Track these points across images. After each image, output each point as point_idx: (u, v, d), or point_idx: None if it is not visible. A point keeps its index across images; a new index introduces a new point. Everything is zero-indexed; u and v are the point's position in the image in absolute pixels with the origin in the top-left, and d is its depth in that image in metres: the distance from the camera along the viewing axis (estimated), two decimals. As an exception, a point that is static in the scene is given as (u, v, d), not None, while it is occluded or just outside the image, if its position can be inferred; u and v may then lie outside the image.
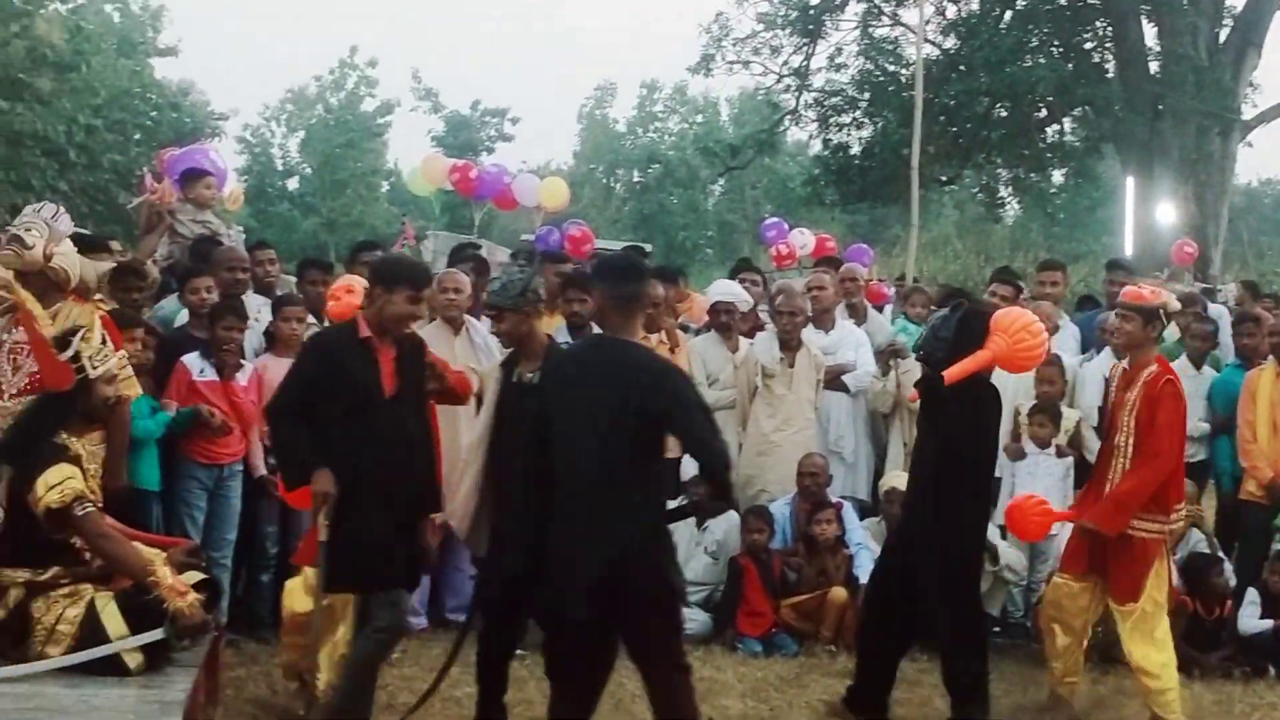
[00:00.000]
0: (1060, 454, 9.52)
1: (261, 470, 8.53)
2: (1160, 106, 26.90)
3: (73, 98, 25.18)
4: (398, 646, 8.35)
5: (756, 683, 8.20)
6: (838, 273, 11.44)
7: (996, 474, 9.64)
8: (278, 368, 8.52)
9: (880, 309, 12.35)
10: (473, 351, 9.14)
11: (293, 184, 56.02)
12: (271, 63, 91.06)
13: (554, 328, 9.81)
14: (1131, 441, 7.42)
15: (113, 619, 5.75)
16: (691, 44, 47.19)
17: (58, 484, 5.69)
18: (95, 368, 6.04)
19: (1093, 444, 9.38)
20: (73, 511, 5.68)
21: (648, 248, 24.63)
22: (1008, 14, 29.30)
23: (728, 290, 10.48)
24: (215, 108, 46.43)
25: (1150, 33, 28.21)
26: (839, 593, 9.06)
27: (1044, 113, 30.14)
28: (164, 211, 10.40)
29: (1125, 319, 7.53)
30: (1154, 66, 27.96)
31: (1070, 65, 28.33)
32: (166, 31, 44.69)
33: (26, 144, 23.33)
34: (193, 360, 8.25)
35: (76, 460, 5.88)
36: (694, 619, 9.25)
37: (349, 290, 7.18)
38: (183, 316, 8.83)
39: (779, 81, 33.05)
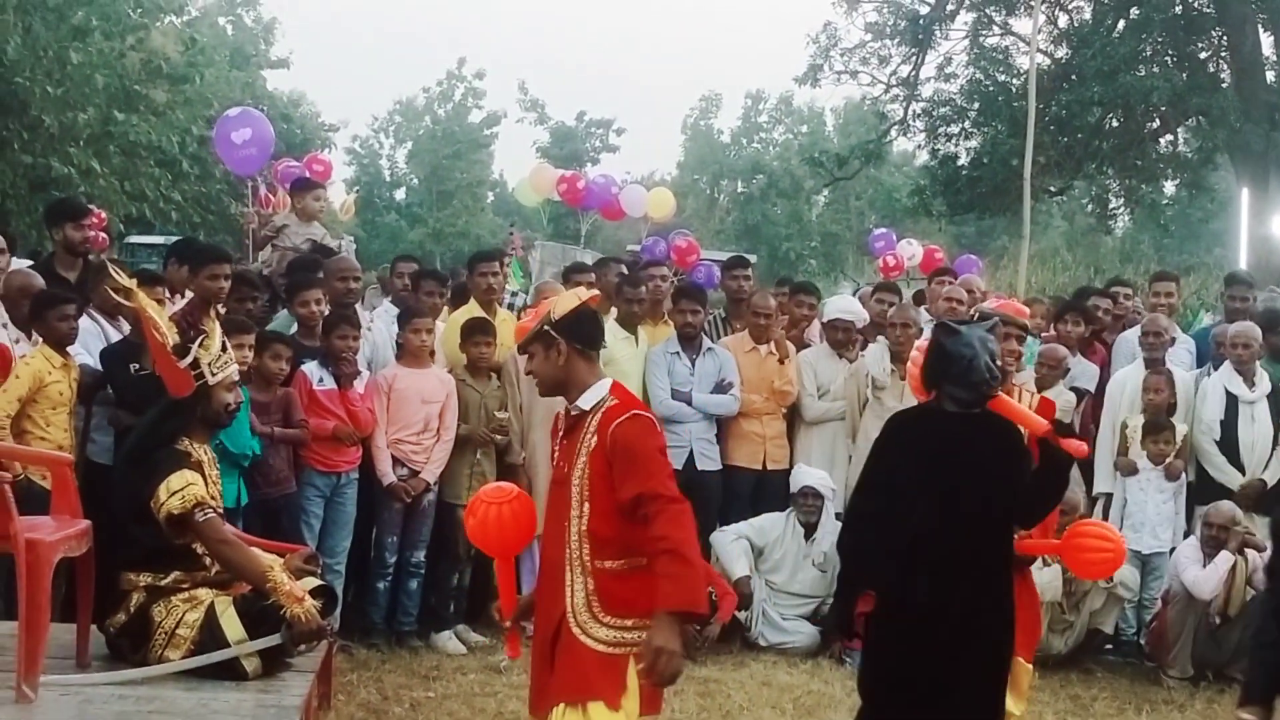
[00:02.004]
0: (1172, 472, 9.36)
1: (390, 478, 8.58)
2: (1277, 116, 26.41)
3: (186, 109, 25.54)
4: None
5: (865, 697, 8.11)
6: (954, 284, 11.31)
7: (1106, 489, 9.59)
8: (408, 379, 8.63)
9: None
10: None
11: (400, 195, 56.74)
12: (380, 75, 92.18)
13: (664, 338, 9.83)
14: None
15: (231, 624, 5.82)
16: (798, 54, 47.06)
17: (180, 490, 5.76)
18: (214, 374, 6.10)
19: (1216, 460, 9.21)
20: (194, 517, 5.75)
21: (752, 259, 24.59)
22: (1121, 23, 28.91)
23: (845, 307, 10.38)
24: (325, 119, 47.36)
25: (1267, 42, 27.76)
26: (950, 607, 8.94)
27: (1157, 123, 29.68)
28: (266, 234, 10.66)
29: (1019, 340, 6.96)
30: (1270, 76, 27.49)
31: (1184, 75, 27.89)
32: (278, 44, 45.67)
33: (141, 154, 23.67)
34: (312, 369, 8.34)
35: (198, 466, 5.95)
36: (801, 632, 9.22)
37: None
38: (294, 327, 8.88)
39: (887, 91, 32.87)
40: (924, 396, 5.63)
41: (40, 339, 7.69)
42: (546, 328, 4.77)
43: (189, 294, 8.55)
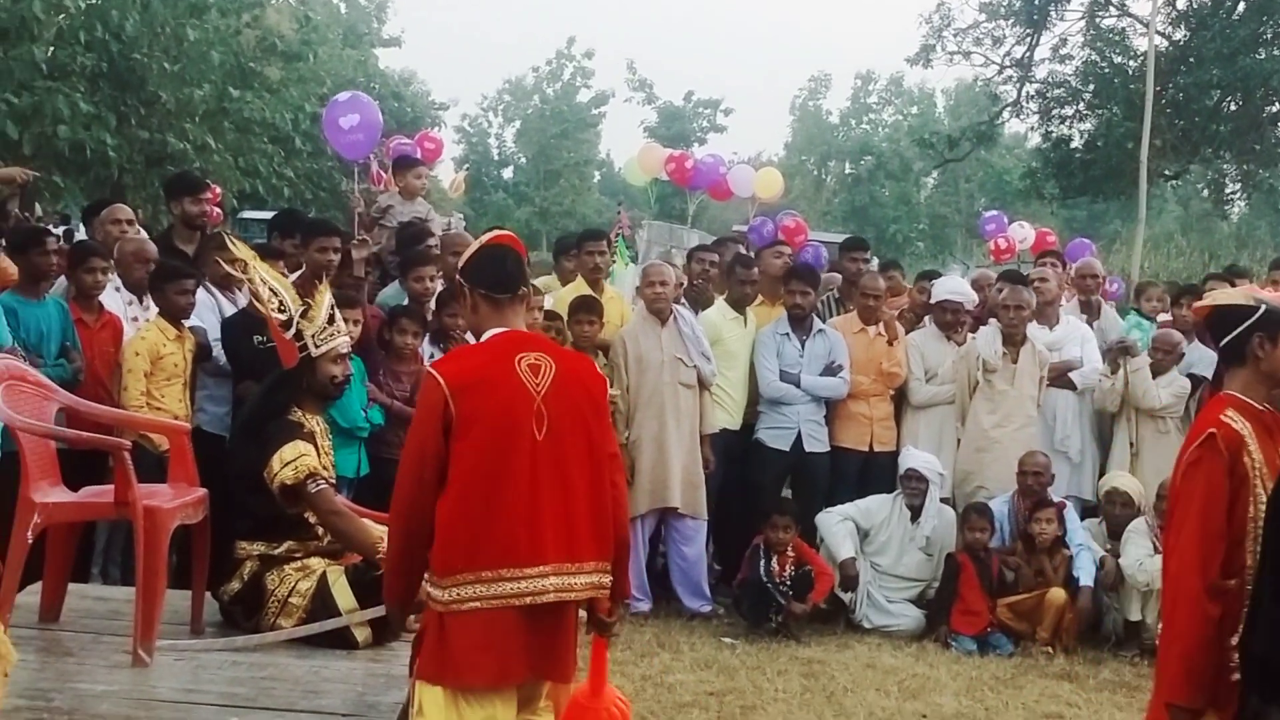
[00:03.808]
0: None
1: None
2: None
3: (299, 86, 25.78)
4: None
5: (971, 681, 8.06)
6: (1073, 268, 11.16)
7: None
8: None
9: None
10: (680, 342, 9.16)
11: (508, 173, 57.01)
12: (490, 54, 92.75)
13: (774, 318, 9.79)
14: None
15: (343, 593, 5.87)
16: (909, 34, 46.79)
17: (292, 460, 5.81)
18: (318, 346, 6.14)
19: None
20: (306, 488, 5.79)
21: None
22: (1241, 5, 28.38)
23: (954, 289, 10.28)
24: (435, 98, 47.75)
25: (1392, 23, 27.12)
26: (1057, 594, 8.87)
27: (1276, 107, 29.14)
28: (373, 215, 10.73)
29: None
30: (1394, 59, 26.87)
31: (1306, 58, 27.34)
32: (390, 22, 46.22)
33: (255, 131, 23.93)
34: (424, 345, 8.40)
35: (310, 437, 5.99)
36: (906, 614, 9.16)
37: None
38: (401, 301, 8.91)
39: (1000, 73, 32.60)
40: None
41: (153, 307, 7.85)
42: (456, 278, 4.76)
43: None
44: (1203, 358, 9.82)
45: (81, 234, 10.37)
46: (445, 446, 4.38)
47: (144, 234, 9.36)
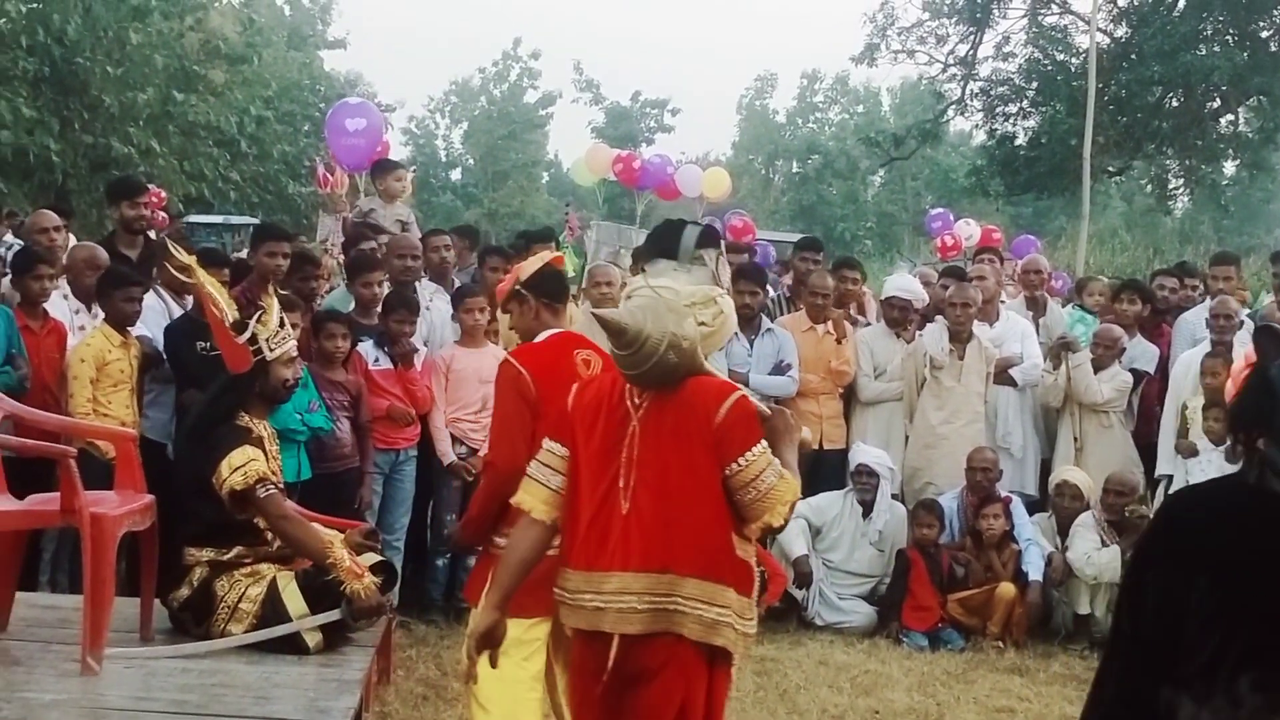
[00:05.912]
0: (1235, 454, 9.21)
1: (450, 457, 8.53)
2: (1340, 96, 26.13)
3: (244, 89, 25.73)
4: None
5: (922, 677, 8.09)
6: (1018, 265, 11.22)
7: (1168, 470, 9.47)
8: (465, 359, 8.60)
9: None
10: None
11: (455, 175, 56.88)
12: (436, 55, 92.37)
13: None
14: None
15: (293, 599, 5.86)
16: (854, 33, 47.02)
17: (241, 466, 5.79)
18: (272, 349, 6.13)
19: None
20: (255, 493, 5.78)
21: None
22: (1181, 1, 28.63)
23: (903, 285, 10.33)
24: (382, 99, 47.45)
25: (1331, 21, 27.42)
26: (1007, 588, 8.92)
27: (1218, 102, 29.41)
28: (336, 200, 10.63)
29: None
30: (1333, 55, 27.16)
31: (1246, 54, 27.60)
32: (335, 24, 46.04)
33: (200, 135, 23.87)
34: (368, 349, 8.33)
35: (259, 442, 5.98)
36: (858, 611, 9.19)
37: None
38: (349, 305, 8.85)
39: (944, 71, 32.77)
40: None
41: (101, 315, 7.79)
42: (518, 287, 5.34)
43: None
44: (1144, 353, 9.91)
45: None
46: (531, 422, 4.95)
47: (73, 239, 9.27)
